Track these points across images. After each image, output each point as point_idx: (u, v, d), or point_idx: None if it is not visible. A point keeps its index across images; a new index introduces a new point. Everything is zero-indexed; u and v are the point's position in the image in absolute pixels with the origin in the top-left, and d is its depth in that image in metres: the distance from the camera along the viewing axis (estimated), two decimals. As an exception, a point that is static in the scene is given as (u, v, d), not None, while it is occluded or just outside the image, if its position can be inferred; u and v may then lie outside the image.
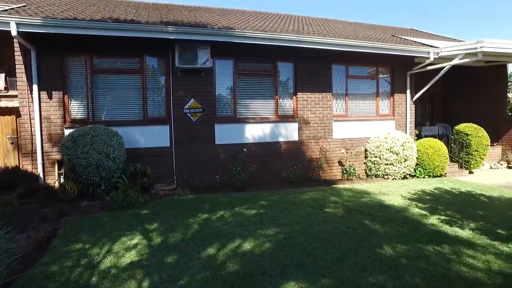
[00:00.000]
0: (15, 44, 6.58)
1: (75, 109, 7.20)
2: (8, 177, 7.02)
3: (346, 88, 9.37)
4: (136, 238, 4.44)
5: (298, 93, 8.76)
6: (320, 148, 8.95)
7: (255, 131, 8.40)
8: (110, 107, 7.43)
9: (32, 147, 6.82)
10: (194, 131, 7.87)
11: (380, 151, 8.79)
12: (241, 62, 8.34)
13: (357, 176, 9.10)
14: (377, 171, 8.92)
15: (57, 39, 6.61)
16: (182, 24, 7.16)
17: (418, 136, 10.53)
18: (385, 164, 8.75)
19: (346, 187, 7.80)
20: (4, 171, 7.35)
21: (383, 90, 9.85)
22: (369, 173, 9.11)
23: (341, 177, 9.01)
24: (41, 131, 6.81)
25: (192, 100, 7.82)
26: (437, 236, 4.58)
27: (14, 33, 5.88)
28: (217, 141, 8.06)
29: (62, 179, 6.83)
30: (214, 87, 8.09)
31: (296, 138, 8.78)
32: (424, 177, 8.96)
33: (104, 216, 5.40)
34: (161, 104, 7.77)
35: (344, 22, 12.61)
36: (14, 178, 6.89)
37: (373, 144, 9.02)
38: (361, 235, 4.58)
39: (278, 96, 8.68)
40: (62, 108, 6.99)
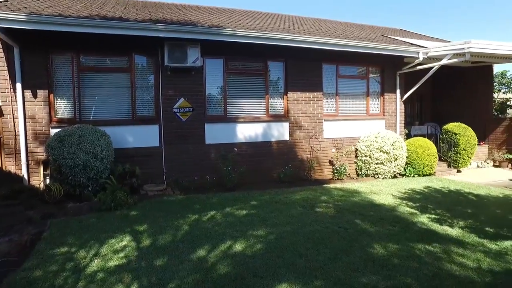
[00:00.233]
0: (-3, 41, 6.38)
1: (62, 108, 7.02)
2: (-10, 179, 6.81)
3: (337, 88, 9.39)
4: (125, 240, 4.33)
5: (289, 93, 8.74)
6: (311, 148, 8.94)
7: (246, 131, 8.34)
8: (98, 106, 7.27)
9: (16, 147, 6.62)
10: (184, 131, 7.77)
11: (371, 151, 8.83)
12: (232, 61, 8.26)
13: (348, 176, 9.13)
14: (368, 171, 8.96)
15: (42, 36, 6.43)
16: (172, 22, 7.05)
17: (408, 136, 10.63)
18: (376, 164, 8.79)
19: (337, 187, 7.81)
20: (-14, 172, 7.13)
21: (373, 90, 9.90)
22: (360, 173, 9.15)
23: (332, 177, 9.03)
24: (26, 131, 6.61)
25: (182, 99, 7.72)
26: (428, 235, 4.60)
27: (-5, 29, 5.70)
28: (207, 141, 7.97)
29: (48, 180, 6.65)
30: (204, 86, 8.00)
31: (287, 138, 8.75)
32: (414, 176, 9.04)
33: (92, 218, 5.26)
34: (150, 103, 7.64)
35: (334, 22, 12.65)
36: (-3, 180, 6.68)
37: (364, 144, 9.06)
38: (353, 235, 4.56)
39: (269, 96, 8.64)
40: (48, 107, 6.80)
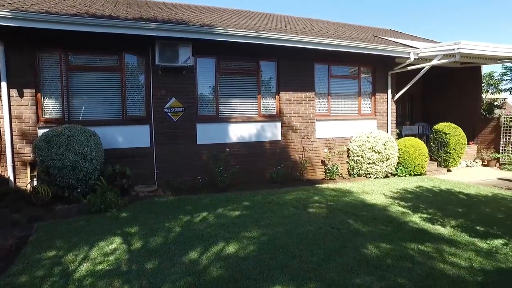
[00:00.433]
0: (-21, 38, 6.19)
1: (49, 108, 6.86)
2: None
3: (329, 88, 9.40)
4: (115, 243, 4.24)
5: (281, 92, 8.71)
6: (303, 148, 8.94)
7: (238, 131, 8.28)
8: (88, 106, 7.13)
9: (1, 148, 6.44)
10: (175, 131, 7.68)
11: (363, 150, 8.86)
12: (223, 61, 8.20)
13: (340, 176, 9.15)
14: (360, 170, 9.00)
15: (29, 34, 6.26)
16: (163, 21, 6.95)
17: (399, 135, 10.71)
18: (368, 163, 8.83)
19: (330, 187, 7.81)
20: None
21: (365, 90, 9.95)
22: (352, 172, 9.17)
23: (324, 177, 9.03)
24: (11, 131, 6.43)
25: (173, 99, 7.63)
26: (420, 235, 4.62)
27: (-22, 26, 5.53)
28: (199, 141, 7.89)
29: (35, 182, 6.48)
30: (196, 86, 7.92)
31: (279, 138, 8.72)
32: (405, 176, 9.11)
33: (81, 220, 5.15)
34: (141, 103, 7.53)
35: (326, 22, 12.68)
36: (-19, 182, 6.50)
37: (356, 144, 9.09)
38: (346, 235, 4.55)
39: (261, 96, 8.60)
40: (35, 107, 6.64)
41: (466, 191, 7.35)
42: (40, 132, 6.53)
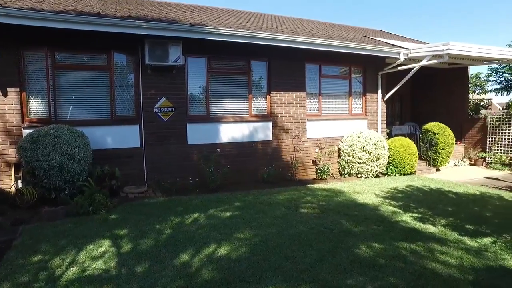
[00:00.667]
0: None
1: (35, 108, 6.68)
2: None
3: (320, 88, 9.41)
4: (104, 246, 4.14)
5: (272, 92, 8.68)
6: (294, 148, 8.93)
7: (229, 131, 8.22)
8: (75, 106, 6.97)
9: (-15, 149, 6.24)
10: (166, 131, 7.57)
11: (353, 150, 8.90)
12: (214, 60, 8.13)
13: (331, 175, 9.17)
14: (351, 170, 9.03)
15: (12, 31, 6.08)
16: (153, 20, 6.84)
17: (389, 135, 10.80)
18: (358, 163, 8.87)
19: (321, 187, 7.82)
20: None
21: (356, 90, 9.99)
22: (343, 172, 9.20)
23: (315, 176, 9.04)
24: (-4, 132, 6.25)
25: (163, 99, 7.52)
26: (412, 234, 4.64)
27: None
28: (190, 141, 7.80)
29: (20, 184, 6.31)
30: (186, 86, 7.83)
31: (270, 138, 8.69)
32: (396, 175, 9.18)
33: (68, 223, 5.01)
34: (130, 103, 7.40)
35: (316, 22, 12.71)
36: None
37: (347, 143, 9.12)
38: (339, 236, 4.54)
39: (252, 95, 8.56)
40: (20, 106, 6.45)
41: (455, 190, 7.45)
42: (25, 132, 6.35)
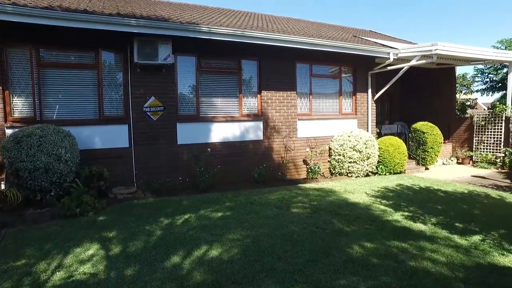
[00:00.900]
0: None
1: (19, 107, 6.49)
2: None
3: (310, 87, 9.42)
4: (92, 249, 4.03)
5: (263, 92, 8.64)
6: (285, 147, 8.91)
7: (219, 130, 8.15)
8: (62, 105, 6.79)
9: (-33, 150, 6.02)
10: (155, 131, 7.45)
11: (344, 150, 8.93)
12: (204, 59, 8.04)
13: (322, 175, 9.18)
14: (341, 169, 9.06)
15: (-5, 28, 5.89)
16: (142, 17, 6.71)
17: (379, 135, 10.88)
18: (349, 162, 8.90)
19: (312, 186, 7.81)
20: None
21: (346, 89, 10.03)
22: (333, 171, 9.23)
23: (306, 176, 9.04)
24: (-23, 132, 6.04)
25: (153, 98, 7.40)
26: (403, 233, 4.66)
27: None
28: (180, 141, 7.70)
29: (3, 186, 6.10)
30: (176, 85, 7.72)
31: (261, 137, 8.65)
32: (386, 174, 9.25)
33: (55, 226, 4.87)
34: (119, 102, 7.26)
35: (306, 21, 12.73)
36: None
37: (337, 143, 9.15)
38: (331, 235, 4.53)
39: (243, 95, 8.50)
40: (2, 105, 6.24)
41: (444, 189, 7.54)
42: (9, 132, 6.15)
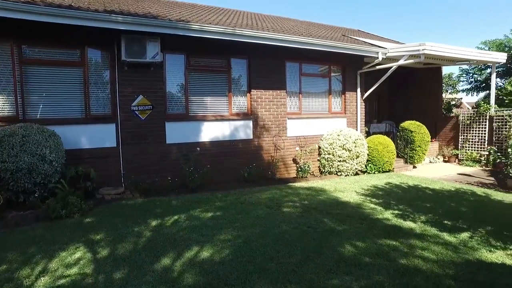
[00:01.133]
0: None
1: (0, 106, 6.27)
2: None
3: (300, 86, 9.41)
4: (79, 252, 3.91)
5: (252, 90, 8.59)
6: (275, 146, 8.88)
7: (209, 130, 8.06)
8: (46, 104, 6.59)
9: None
10: (143, 130, 7.32)
11: (333, 148, 8.96)
12: (193, 57, 7.93)
13: (311, 174, 9.19)
14: (331, 168, 9.09)
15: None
16: (130, 14, 6.56)
17: (367, 133, 10.97)
18: (338, 161, 8.94)
19: (302, 185, 7.81)
20: None
21: (335, 88, 10.07)
22: (323, 170, 9.25)
23: (296, 175, 9.03)
24: (-43, 131, 5.79)
25: (141, 97, 7.26)
26: (394, 231, 4.69)
27: None
28: (168, 140, 7.58)
29: (-15, 187, 5.89)
30: (165, 83, 7.59)
31: (251, 136, 8.60)
32: (375, 173, 9.33)
33: (39, 228, 4.72)
34: (106, 101, 7.09)
35: (295, 20, 12.73)
36: None
37: (327, 142, 9.17)
38: (322, 235, 4.52)
39: (232, 93, 8.43)
40: (-16, 104, 6.04)
41: (432, 187, 7.64)
42: (-9, 132, 5.93)
